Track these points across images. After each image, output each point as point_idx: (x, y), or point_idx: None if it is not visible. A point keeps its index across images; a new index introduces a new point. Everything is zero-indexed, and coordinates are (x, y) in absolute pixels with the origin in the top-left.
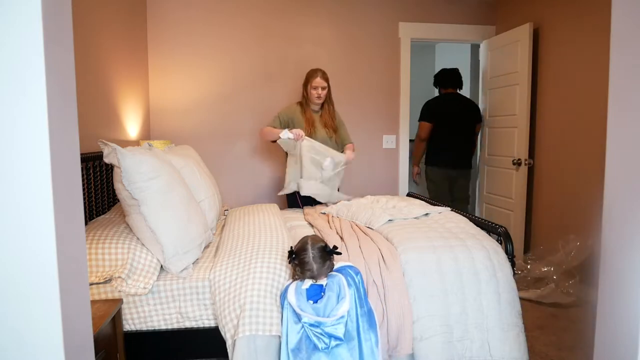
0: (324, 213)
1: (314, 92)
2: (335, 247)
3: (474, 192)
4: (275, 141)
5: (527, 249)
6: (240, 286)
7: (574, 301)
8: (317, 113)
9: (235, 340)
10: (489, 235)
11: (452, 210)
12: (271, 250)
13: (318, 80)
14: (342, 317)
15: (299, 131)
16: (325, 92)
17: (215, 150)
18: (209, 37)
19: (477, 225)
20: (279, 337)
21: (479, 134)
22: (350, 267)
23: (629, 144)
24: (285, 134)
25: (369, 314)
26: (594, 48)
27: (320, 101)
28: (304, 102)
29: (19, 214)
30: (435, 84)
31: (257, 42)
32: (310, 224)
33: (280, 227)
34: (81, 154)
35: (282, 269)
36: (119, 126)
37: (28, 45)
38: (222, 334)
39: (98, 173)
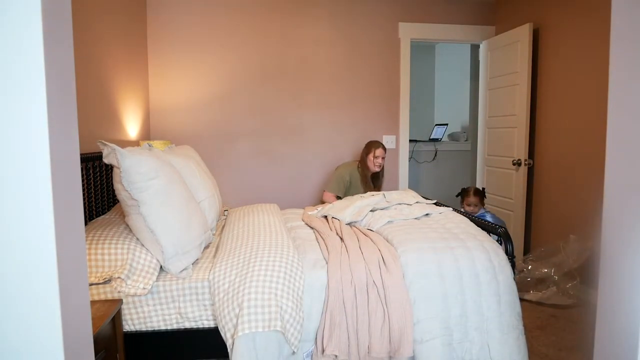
0: (315, 215)
1: (375, 160)
2: None
3: None
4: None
5: (527, 249)
6: (239, 286)
7: (575, 302)
8: (369, 178)
9: (234, 340)
10: (489, 235)
11: (453, 210)
12: (270, 249)
13: (380, 151)
14: None
15: None
16: (384, 160)
17: (215, 150)
18: (209, 37)
19: (477, 226)
20: (280, 334)
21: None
22: None
23: (629, 143)
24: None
25: None
26: (594, 48)
27: (379, 169)
28: (363, 167)
29: (19, 214)
30: None
31: (257, 42)
32: (308, 225)
33: (280, 227)
34: (81, 154)
35: (280, 267)
36: (118, 126)
37: (28, 45)
38: (222, 334)
39: (98, 173)
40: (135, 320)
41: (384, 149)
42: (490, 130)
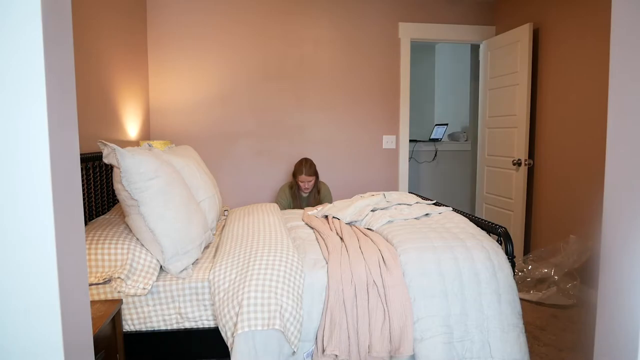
0: (315, 215)
1: (301, 184)
2: None
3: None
4: None
5: (527, 249)
6: (239, 284)
7: (575, 302)
8: (306, 197)
9: (234, 338)
10: (489, 235)
11: (453, 210)
12: (270, 249)
13: (303, 177)
14: None
15: None
16: (311, 183)
17: (215, 150)
18: (209, 38)
19: (477, 226)
20: (280, 332)
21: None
22: None
23: (629, 144)
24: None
25: None
26: (594, 48)
27: (308, 191)
28: (295, 187)
29: (19, 214)
30: None
31: (257, 43)
32: (308, 225)
33: (280, 227)
34: (81, 154)
35: (280, 266)
36: (118, 126)
37: (28, 45)
38: (223, 334)
39: (98, 173)
40: (135, 320)
41: (309, 173)
42: (490, 130)
